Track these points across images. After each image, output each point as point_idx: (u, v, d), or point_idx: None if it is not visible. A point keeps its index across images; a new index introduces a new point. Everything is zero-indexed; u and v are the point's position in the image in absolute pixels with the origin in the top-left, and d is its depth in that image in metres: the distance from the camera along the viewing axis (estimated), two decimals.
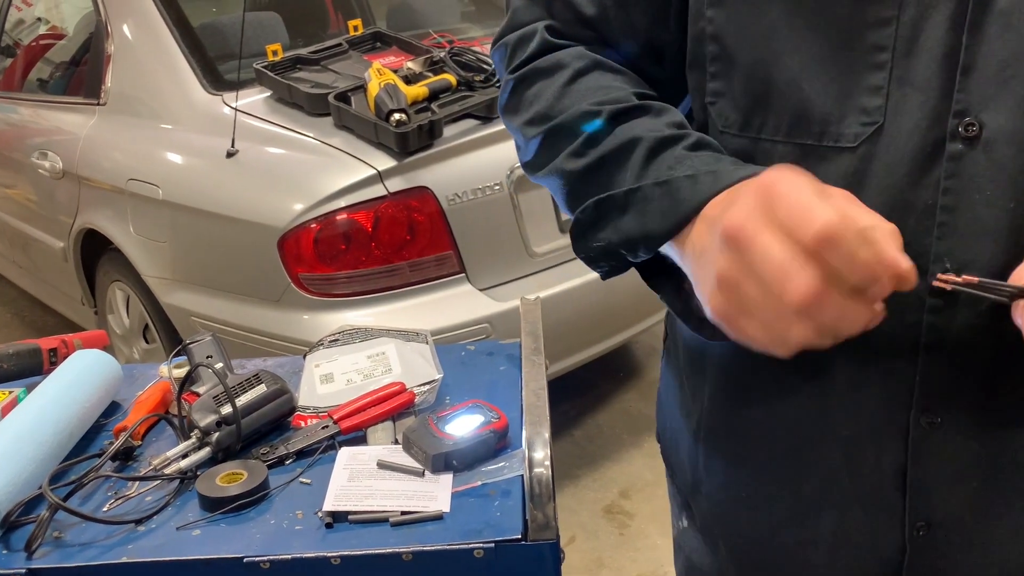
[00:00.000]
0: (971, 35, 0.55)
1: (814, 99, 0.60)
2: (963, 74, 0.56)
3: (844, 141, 0.60)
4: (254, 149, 2.23)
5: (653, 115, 0.68)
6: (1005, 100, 0.55)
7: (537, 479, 0.78)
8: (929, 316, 0.60)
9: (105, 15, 2.68)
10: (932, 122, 0.57)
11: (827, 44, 0.59)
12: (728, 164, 0.61)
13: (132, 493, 0.89)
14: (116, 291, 2.76)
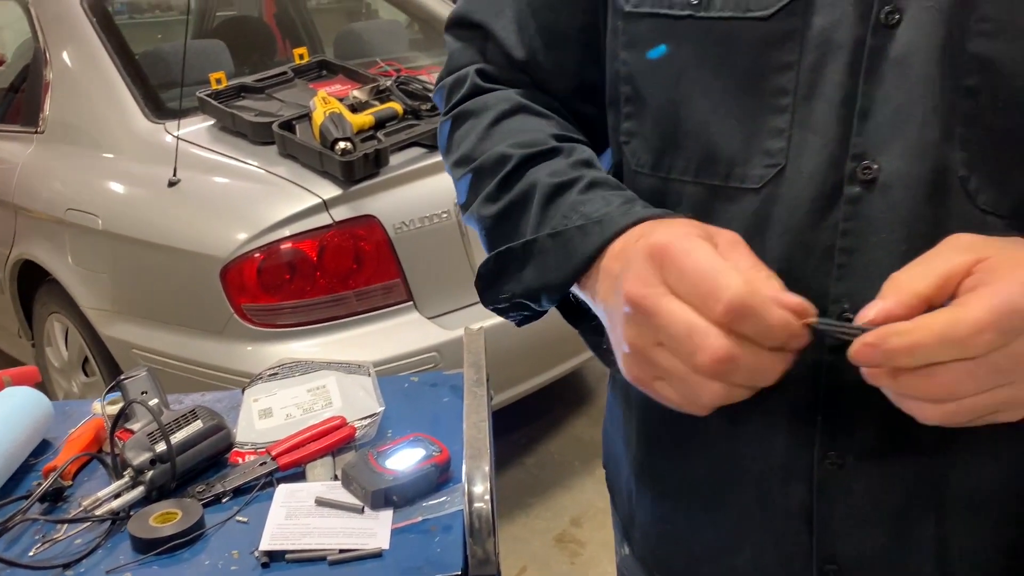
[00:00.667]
0: (867, 81, 0.56)
1: (721, 141, 0.61)
2: (860, 119, 0.57)
3: (749, 182, 0.61)
4: (197, 178, 2.20)
5: (563, 156, 0.69)
6: (900, 144, 0.56)
7: (477, 514, 0.77)
8: (829, 356, 0.60)
9: (44, 42, 2.64)
10: (831, 165, 0.58)
11: (733, 88, 0.60)
12: (618, 207, 0.61)
13: (61, 536, 0.86)
14: (54, 323, 2.69)
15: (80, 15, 2.56)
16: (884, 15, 0.55)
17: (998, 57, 0.53)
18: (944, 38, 0.54)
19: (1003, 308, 0.46)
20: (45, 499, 0.91)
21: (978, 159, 0.55)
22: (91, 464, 0.99)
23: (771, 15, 0.58)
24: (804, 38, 0.57)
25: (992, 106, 0.54)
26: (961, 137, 0.55)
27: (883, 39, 0.56)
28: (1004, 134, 0.54)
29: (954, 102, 0.55)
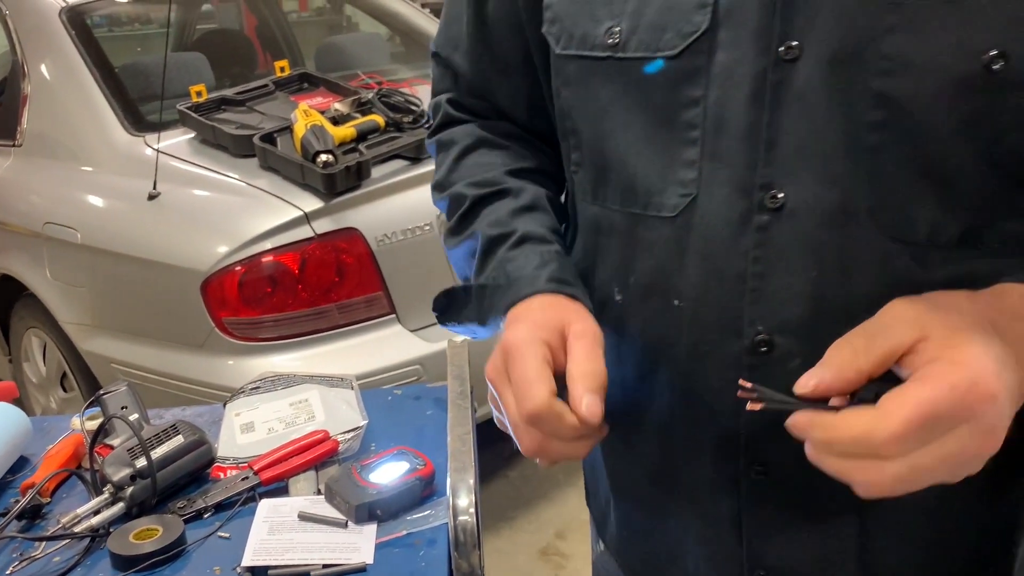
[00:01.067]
0: (772, 113, 0.59)
1: (639, 172, 0.65)
2: (767, 149, 0.59)
3: (665, 211, 0.64)
4: (177, 191, 2.18)
5: (510, 199, 0.77)
6: (806, 174, 0.58)
7: (462, 527, 0.77)
8: (747, 373, 0.63)
9: (22, 54, 2.62)
10: (740, 194, 0.61)
11: (649, 122, 0.64)
12: (530, 271, 0.70)
13: (39, 554, 0.85)
14: (32, 338, 2.66)
15: (58, 27, 2.54)
16: (784, 50, 0.58)
17: (899, 94, 0.55)
18: (845, 75, 0.56)
19: (921, 418, 0.47)
20: (23, 516, 0.90)
21: (885, 190, 0.57)
22: (70, 480, 0.98)
23: (678, 54, 0.61)
24: (709, 74, 0.61)
25: (899, 139, 0.56)
26: (867, 168, 0.57)
27: (784, 73, 0.58)
28: (910, 166, 0.56)
29: (859, 135, 0.57)
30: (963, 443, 0.48)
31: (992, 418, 0.48)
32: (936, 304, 0.52)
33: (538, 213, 0.76)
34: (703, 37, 0.60)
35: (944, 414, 0.47)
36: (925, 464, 0.48)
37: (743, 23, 0.59)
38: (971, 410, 0.47)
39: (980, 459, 0.50)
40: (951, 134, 0.55)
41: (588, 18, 0.66)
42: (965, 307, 0.52)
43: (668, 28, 0.62)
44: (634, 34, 0.63)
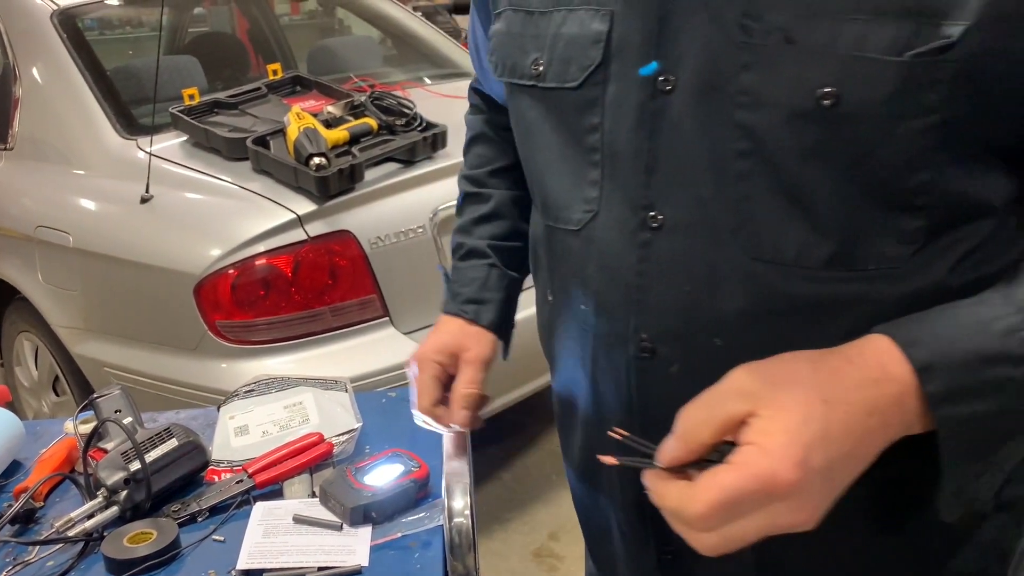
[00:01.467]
0: (652, 140, 0.64)
1: (553, 189, 0.73)
2: (648, 173, 0.65)
3: (571, 225, 0.71)
4: (169, 194, 2.18)
5: (481, 203, 0.97)
6: (679, 197, 0.64)
7: (457, 529, 0.77)
8: (636, 377, 0.70)
9: (13, 58, 2.61)
10: (630, 213, 0.66)
11: (562, 145, 0.71)
12: (456, 289, 0.95)
13: (32, 559, 0.85)
14: (24, 342, 2.65)
15: (50, 30, 2.53)
16: (660, 82, 0.63)
17: (756, 126, 0.59)
18: (712, 107, 0.61)
19: (722, 502, 0.52)
20: (16, 521, 0.90)
21: (753, 214, 0.61)
22: (63, 484, 0.98)
23: (578, 85, 0.68)
24: (604, 104, 0.67)
25: (762, 167, 0.60)
26: (735, 194, 0.61)
27: (661, 104, 0.64)
28: (774, 191, 0.60)
29: (726, 162, 0.61)
30: (773, 518, 0.52)
31: (798, 500, 0.51)
32: (774, 378, 0.54)
33: (495, 221, 0.95)
34: (598, 70, 0.67)
35: (745, 499, 0.51)
36: (737, 535, 0.53)
37: (628, 57, 0.65)
38: (771, 496, 0.51)
39: (799, 528, 0.53)
40: (802, 162, 0.59)
41: (518, 50, 0.73)
42: (804, 379, 0.54)
43: (572, 62, 0.68)
44: (550, 66, 0.70)
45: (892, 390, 0.54)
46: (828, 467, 0.52)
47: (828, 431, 0.52)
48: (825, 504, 0.53)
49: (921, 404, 0.54)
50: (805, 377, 0.54)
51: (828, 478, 0.53)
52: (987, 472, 0.56)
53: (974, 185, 0.59)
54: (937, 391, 0.53)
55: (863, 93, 0.56)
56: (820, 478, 0.52)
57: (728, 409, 0.53)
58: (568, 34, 0.69)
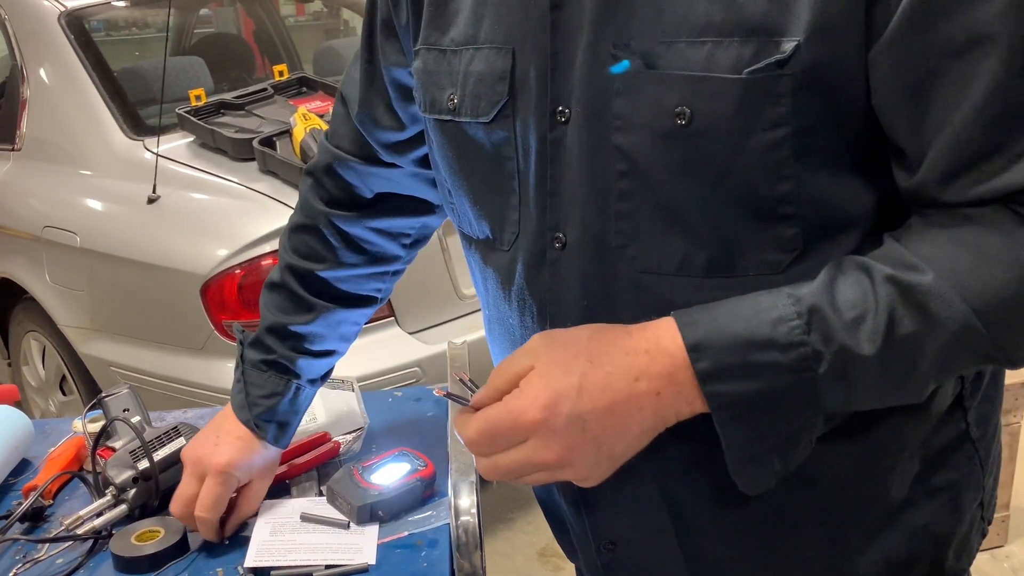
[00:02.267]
0: (552, 167, 0.68)
1: (486, 214, 0.76)
2: (551, 196, 0.69)
3: (503, 246, 0.75)
4: (176, 195, 2.19)
5: (301, 311, 0.96)
6: (574, 218, 0.68)
7: (463, 527, 0.78)
8: None
9: (21, 59, 2.62)
10: (539, 234, 0.71)
11: (486, 173, 0.74)
12: (254, 395, 0.92)
13: (42, 556, 0.86)
14: (31, 341, 2.66)
15: (57, 32, 2.54)
16: (557, 114, 0.67)
17: (630, 147, 0.63)
18: (594, 132, 0.65)
19: (482, 430, 0.61)
20: (26, 519, 0.91)
21: (636, 230, 0.65)
22: (72, 483, 0.98)
23: (491, 120, 0.72)
24: (515, 136, 0.71)
25: (639, 186, 0.64)
26: (616, 213, 0.65)
27: (559, 134, 0.67)
28: (653, 209, 0.64)
29: (609, 183, 0.65)
30: (529, 453, 0.60)
31: (544, 439, 0.59)
32: (556, 340, 0.63)
33: (314, 342, 0.96)
34: (507, 104, 0.70)
35: (501, 430, 0.60)
36: (506, 464, 0.61)
37: (529, 91, 0.69)
38: (520, 430, 0.60)
39: (556, 468, 0.61)
40: (672, 179, 0.63)
41: (436, 86, 0.76)
42: (580, 341, 0.62)
43: (482, 97, 0.72)
44: (464, 101, 0.73)
45: (663, 362, 0.60)
46: (578, 416, 0.59)
47: (584, 384, 0.59)
48: (590, 458, 0.60)
49: (694, 381, 0.59)
50: (581, 340, 0.62)
51: (581, 428, 0.59)
52: (773, 450, 0.61)
53: (837, 194, 0.62)
54: (704, 369, 0.59)
55: (712, 109, 0.60)
56: (568, 424, 0.59)
57: (519, 363, 0.62)
58: (477, 71, 0.72)
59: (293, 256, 0.97)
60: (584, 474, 0.62)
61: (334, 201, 0.97)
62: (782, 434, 0.61)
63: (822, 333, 0.58)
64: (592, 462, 0.61)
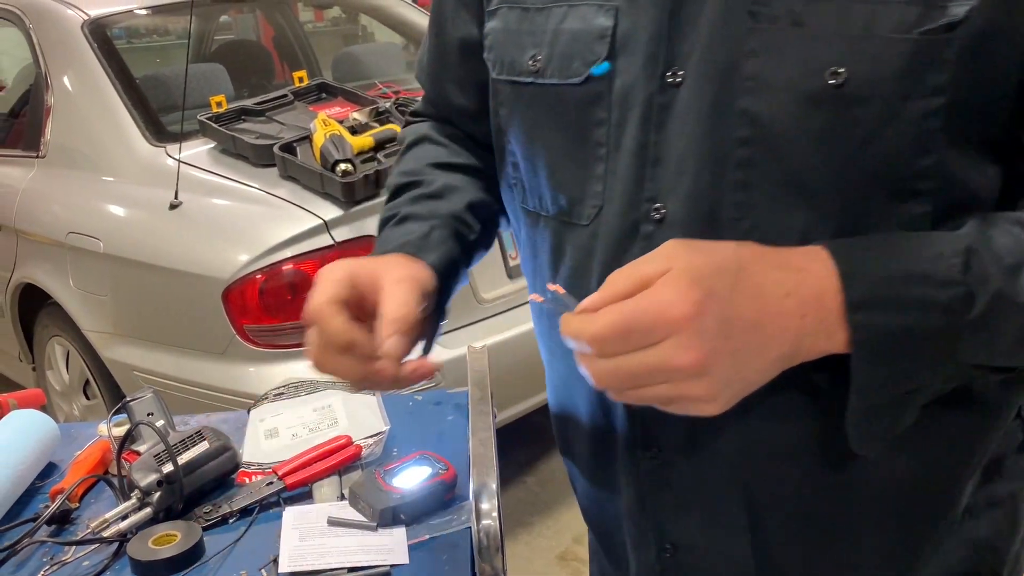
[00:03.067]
0: (657, 133, 0.65)
1: (564, 185, 0.72)
2: (652, 166, 0.65)
3: (581, 220, 0.71)
4: (198, 200, 2.21)
5: (419, 188, 0.85)
6: (681, 189, 0.64)
7: (485, 531, 0.78)
8: None
9: (45, 67, 2.65)
10: (630, 207, 0.67)
11: (568, 141, 0.71)
12: (392, 244, 0.78)
13: (69, 558, 0.87)
14: (55, 346, 2.69)
15: (81, 40, 2.57)
16: (669, 76, 0.64)
17: (761, 111, 0.60)
18: (716, 95, 0.61)
19: (615, 324, 0.54)
20: (52, 521, 0.91)
21: (754, 202, 0.62)
22: (98, 486, 0.99)
23: (583, 81, 0.68)
24: (610, 99, 0.67)
25: (765, 154, 0.61)
26: (735, 183, 0.62)
27: (669, 97, 0.64)
28: (777, 179, 0.61)
29: (727, 151, 0.62)
30: (666, 355, 0.53)
31: (688, 338, 0.53)
32: (698, 246, 0.57)
33: (439, 200, 0.83)
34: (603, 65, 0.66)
35: (639, 325, 0.53)
36: (631, 367, 0.54)
37: (636, 52, 0.65)
38: (667, 325, 0.53)
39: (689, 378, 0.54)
40: (808, 147, 0.59)
41: (515, 47, 0.73)
42: (727, 250, 0.56)
43: (575, 57, 0.68)
44: (550, 62, 0.70)
45: (813, 283, 0.56)
46: (727, 320, 0.54)
47: (736, 288, 0.54)
48: (727, 372, 0.55)
49: (841, 310, 0.55)
50: (728, 248, 0.57)
51: (727, 334, 0.54)
52: (897, 399, 0.58)
53: (972, 174, 0.60)
54: (855, 297, 0.55)
55: (871, 72, 0.56)
56: (718, 326, 0.53)
57: (649, 266, 0.56)
58: (570, 30, 0.68)
59: (399, 174, 0.87)
60: (715, 391, 0.55)
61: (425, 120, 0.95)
62: (911, 383, 0.57)
63: (979, 275, 0.55)
64: (726, 379, 0.55)
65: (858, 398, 0.57)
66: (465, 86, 0.86)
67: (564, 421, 0.85)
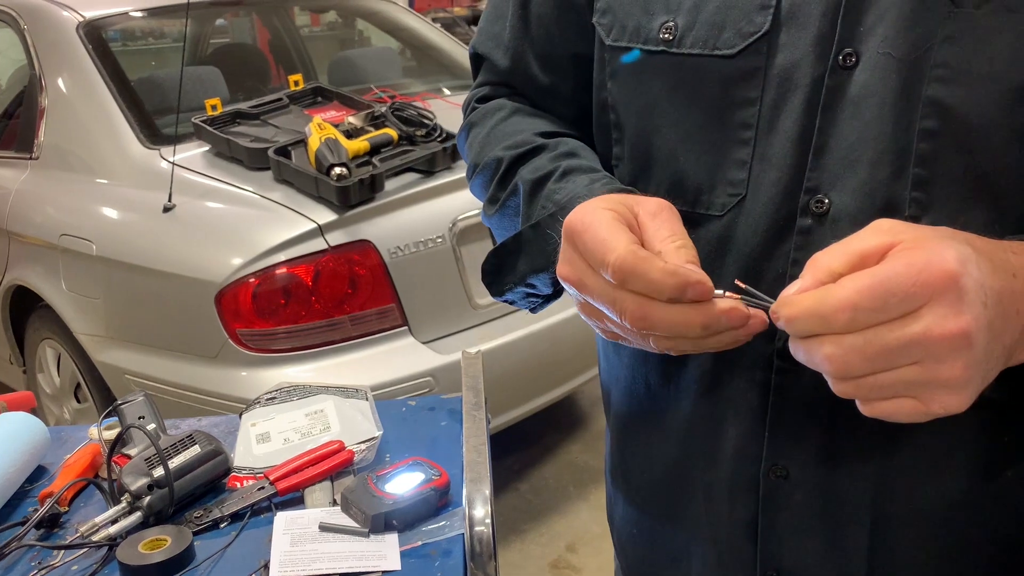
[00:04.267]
0: (824, 118, 0.59)
1: (688, 169, 0.65)
2: (815, 155, 0.59)
3: (713, 210, 0.64)
4: (192, 203, 2.20)
5: (547, 152, 0.74)
6: (850, 181, 0.58)
7: (478, 537, 0.77)
8: (777, 377, 0.63)
9: (40, 68, 2.65)
10: (786, 197, 0.61)
11: (701, 119, 0.64)
12: (583, 187, 0.66)
13: (57, 563, 0.86)
14: (46, 349, 2.68)
15: (76, 42, 2.57)
16: (842, 57, 0.58)
17: (955, 102, 0.55)
18: (900, 82, 0.56)
19: (872, 287, 0.46)
20: (41, 525, 0.91)
21: (933, 198, 0.57)
22: (87, 490, 0.98)
23: (736, 53, 0.62)
24: (767, 76, 0.61)
25: (951, 147, 0.56)
26: (915, 177, 0.57)
27: (840, 80, 0.58)
28: (962, 174, 0.56)
29: (909, 143, 0.57)
30: (926, 324, 0.46)
31: (957, 304, 0.46)
32: (912, 225, 0.50)
33: (581, 157, 0.73)
34: (763, 38, 0.61)
35: (898, 289, 0.46)
36: (886, 342, 0.46)
37: (804, 27, 0.59)
38: (928, 287, 0.45)
39: (953, 351, 0.46)
40: (1004, 143, 0.55)
41: (641, 11, 0.66)
42: (946, 231, 0.50)
43: (727, 27, 0.62)
44: (691, 30, 0.63)
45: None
46: (983, 285, 0.46)
47: (976, 253, 0.47)
48: (984, 347, 0.47)
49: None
50: (946, 230, 0.50)
51: (983, 302, 0.46)
52: None
53: None
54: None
55: None
56: (977, 290, 0.46)
57: (866, 242, 0.49)
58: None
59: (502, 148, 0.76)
60: (970, 374, 0.47)
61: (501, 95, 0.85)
62: None
63: None
64: (983, 357, 0.47)
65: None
66: (550, 62, 0.79)
67: (632, 437, 0.79)
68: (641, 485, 0.80)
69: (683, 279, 0.52)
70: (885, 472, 0.63)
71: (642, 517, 0.82)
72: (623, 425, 0.81)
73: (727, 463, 0.69)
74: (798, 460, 0.65)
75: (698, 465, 0.72)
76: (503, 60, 0.82)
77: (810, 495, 0.66)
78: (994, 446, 0.58)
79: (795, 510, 0.67)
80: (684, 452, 0.73)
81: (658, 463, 0.76)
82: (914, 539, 0.65)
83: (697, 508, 0.73)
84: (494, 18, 0.83)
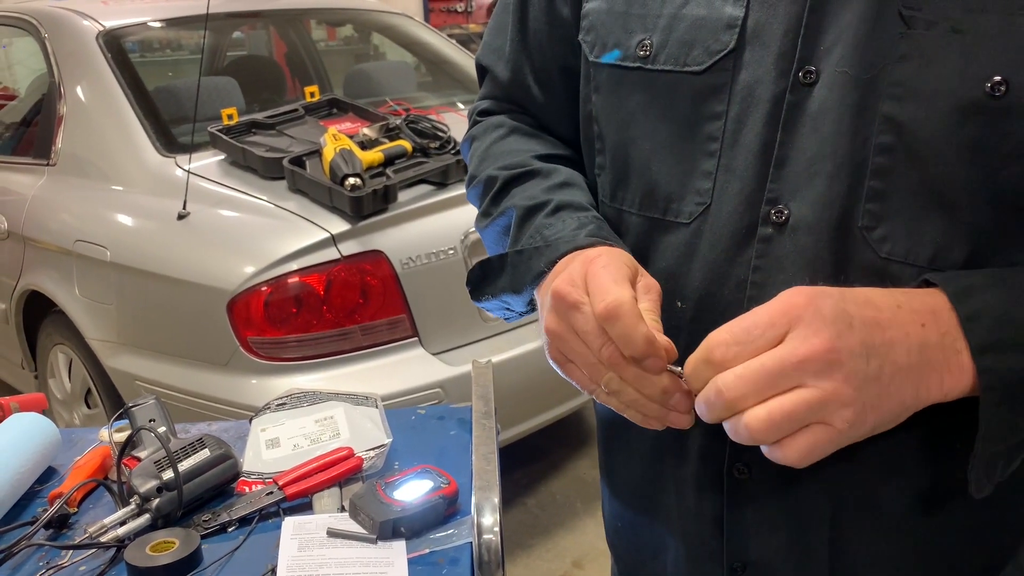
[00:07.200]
0: (785, 132, 0.62)
1: (660, 179, 0.69)
2: (776, 166, 0.63)
3: (681, 217, 0.68)
4: (206, 211, 2.21)
5: (541, 179, 0.79)
6: (809, 193, 0.61)
7: (486, 546, 0.77)
8: None
9: (59, 76, 2.67)
10: (748, 207, 0.64)
11: (673, 133, 0.68)
12: (569, 232, 0.71)
13: (65, 563, 0.86)
14: (58, 354, 2.69)
15: (95, 51, 2.60)
16: (803, 74, 0.61)
17: (907, 119, 0.58)
18: (857, 99, 0.59)
19: (739, 324, 0.54)
20: (50, 525, 0.91)
21: (888, 210, 0.60)
22: (97, 491, 0.99)
23: (704, 70, 0.65)
24: (732, 91, 0.65)
25: (905, 162, 0.58)
26: (870, 190, 0.60)
27: (801, 96, 0.61)
28: (916, 187, 0.59)
29: (865, 157, 0.59)
30: (793, 346, 0.52)
31: (811, 321, 0.52)
32: (821, 297, 0.54)
33: (573, 189, 0.77)
34: (729, 56, 0.64)
35: (760, 320, 0.53)
36: (762, 364, 0.52)
37: (767, 45, 0.63)
38: (785, 315, 0.52)
39: (824, 366, 0.51)
40: (954, 159, 0.57)
41: (621, 29, 0.70)
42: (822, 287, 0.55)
43: (697, 44, 0.66)
44: (664, 48, 0.67)
45: (924, 299, 0.55)
46: (844, 311, 0.52)
47: (844, 296, 0.53)
48: (860, 365, 0.52)
49: (959, 327, 0.54)
50: (824, 287, 0.55)
51: (848, 323, 0.52)
52: (1016, 449, 0.56)
53: None
54: (980, 341, 0.53)
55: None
56: (835, 313, 0.52)
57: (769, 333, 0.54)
58: (693, 16, 0.66)
59: (498, 167, 0.82)
60: (856, 385, 0.52)
61: (502, 111, 0.90)
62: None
63: None
64: (862, 376, 0.52)
65: (987, 444, 0.55)
66: (545, 75, 0.83)
67: (614, 441, 0.83)
68: (624, 480, 0.84)
69: (653, 348, 0.58)
70: (841, 474, 0.65)
71: (625, 511, 0.85)
72: (608, 423, 0.85)
73: (694, 460, 0.73)
74: (758, 459, 0.67)
75: (670, 462, 0.75)
76: (504, 72, 0.87)
77: (772, 493, 0.69)
78: (949, 451, 0.61)
79: (758, 506, 0.70)
80: (658, 449, 0.76)
81: (636, 459, 0.80)
82: (874, 538, 0.68)
83: (670, 503, 0.77)
84: (496, 31, 0.88)
